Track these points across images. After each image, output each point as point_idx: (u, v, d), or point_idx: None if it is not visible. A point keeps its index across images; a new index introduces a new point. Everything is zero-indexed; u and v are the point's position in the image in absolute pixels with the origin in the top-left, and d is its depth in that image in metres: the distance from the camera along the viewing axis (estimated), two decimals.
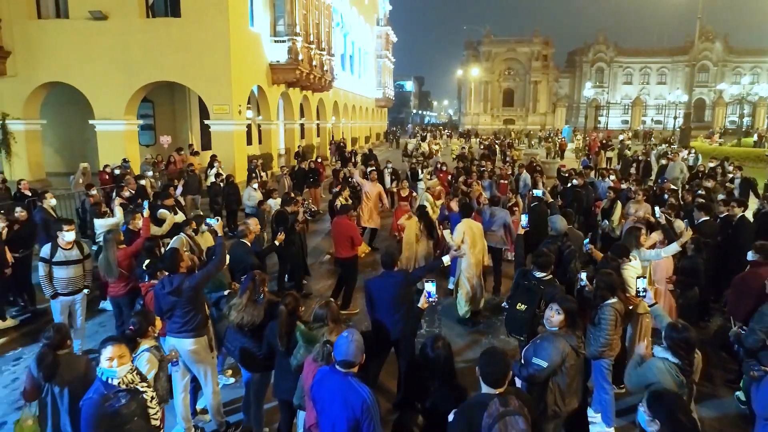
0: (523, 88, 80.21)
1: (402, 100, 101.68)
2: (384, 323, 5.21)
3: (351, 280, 8.42)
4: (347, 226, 8.35)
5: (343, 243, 8.29)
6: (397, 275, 5.38)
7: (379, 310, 5.26)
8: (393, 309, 5.23)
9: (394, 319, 5.26)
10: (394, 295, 5.24)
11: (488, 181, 13.88)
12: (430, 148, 24.75)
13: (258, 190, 11.79)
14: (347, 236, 8.24)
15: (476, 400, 2.93)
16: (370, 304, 5.40)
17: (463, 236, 7.48)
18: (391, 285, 5.29)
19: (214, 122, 18.59)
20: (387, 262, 5.40)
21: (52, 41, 18.05)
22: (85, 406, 3.21)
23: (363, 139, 46.84)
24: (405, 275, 5.45)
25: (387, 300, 5.24)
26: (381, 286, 5.33)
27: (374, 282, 5.41)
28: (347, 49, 39.27)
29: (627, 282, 5.30)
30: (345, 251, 8.31)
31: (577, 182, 10.72)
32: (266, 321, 4.34)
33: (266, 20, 21.55)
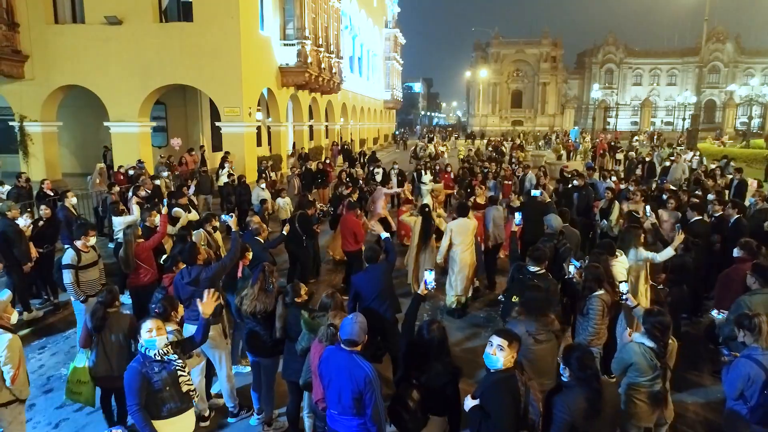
0: (531, 90, 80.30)
1: (410, 101, 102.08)
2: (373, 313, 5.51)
3: (357, 271, 8.83)
4: (353, 222, 8.77)
5: (348, 238, 8.70)
6: (380, 266, 5.66)
7: (367, 303, 5.51)
8: (381, 299, 5.50)
9: (383, 308, 5.55)
10: (382, 286, 5.53)
11: (493, 182, 14.20)
12: (437, 150, 25.07)
13: (266, 190, 12.18)
14: (352, 232, 8.65)
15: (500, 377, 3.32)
16: (354, 301, 5.60)
17: (450, 238, 7.77)
18: (378, 277, 5.57)
19: (225, 124, 19.04)
20: (371, 256, 5.67)
21: (68, 45, 18.59)
22: (128, 373, 3.73)
23: (371, 140, 47.25)
24: (386, 263, 5.72)
25: (375, 292, 5.50)
26: (368, 280, 5.60)
27: (360, 278, 5.68)
28: (356, 51, 39.70)
29: (615, 276, 5.60)
30: (350, 245, 8.72)
31: (578, 183, 11.00)
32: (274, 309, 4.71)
33: (276, 24, 21.99)
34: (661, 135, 47.97)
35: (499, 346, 3.30)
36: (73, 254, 6.43)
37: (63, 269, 6.35)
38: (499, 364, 3.29)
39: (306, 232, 8.94)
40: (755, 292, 4.44)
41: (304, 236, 8.93)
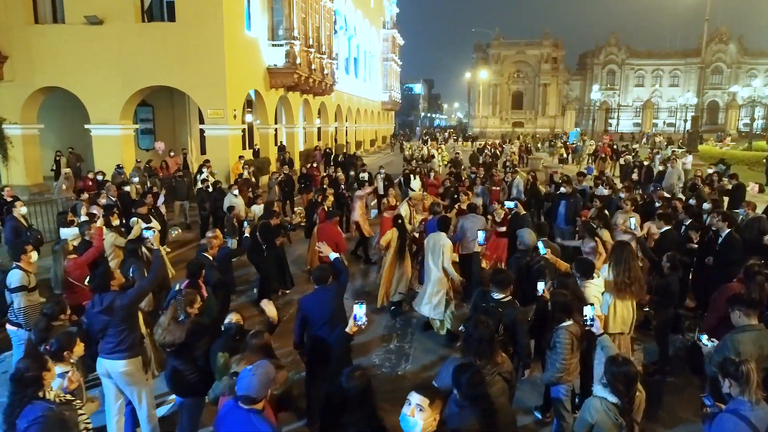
0: (532, 91, 79.62)
1: (411, 102, 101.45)
2: (323, 341, 4.97)
3: None
4: (332, 232, 8.22)
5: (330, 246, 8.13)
6: (330, 288, 5.12)
7: (316, 329, 5.00)
8: (331, 326, 4.97)
9: (333, 336, 5.01)
10: (332, 311, 5.00)
11: (481, 187, 13.61)
12: (429, 153, 24.44)
13: (239, 197, 11.61)
14: (333, 242, 8.07)
15: None
16: (302, 325, 5.07)
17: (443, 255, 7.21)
18: (327, 300, 5.04)
19: (208, 127, 18.52)
20: (320, 277, 5.13)
21: (49, 46, 18.09)
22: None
23: (368, 142, 46.68)
24: (337, 285, 5.19)
25: (324, 317, 4.97)
26: (316, 303, 5.06)
27: (307, 299, 5.13)
28: (351, 52, 39.16)
29: (589, 301, 5.01)
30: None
31: (566, 190, 10.39)
32: (191, 341, 4.13)
33: (264, 24, 21.45)
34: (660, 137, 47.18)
35: (419, 405, 2.71)
36: (21, 274, 5.68)
37: (13, 293, 5.61)
38: (417, 429, 2.71)
39: (267, 242, 8.36)
40: (743, 328, 3.84)
41: (264, 246, 8.36)
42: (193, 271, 5.49)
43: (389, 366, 6.48)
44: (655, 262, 6.17)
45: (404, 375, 6.28)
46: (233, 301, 8.78)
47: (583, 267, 5.20)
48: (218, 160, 17.97)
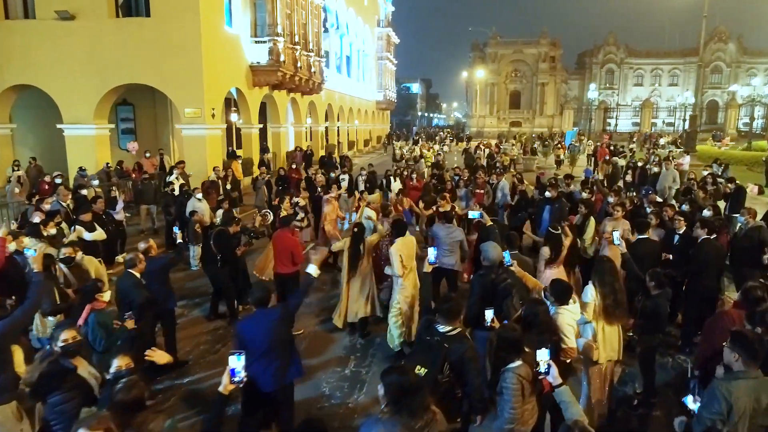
0: (530, 90, 78.85)
1: (408, 102, 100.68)
2: (261, 373, 4.28)
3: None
4: (289, 240, 7.45)
5: (283, 258, 7.41)
6: (272, 312, 4.45)
7: (255, 360, 4.31)
8: (273, 354, 4.31)
9: (275, 366, 4.34)
10: (272, 337, 4.32)
11: (464, 190, 12.89)
12: (422, 153, 23.72)
13: (203, 201, 10.89)
14: (288, 251, 7.36)
15: None
16: None
17: (401, 261, 6.51)
18: (268, 325, 4.36)
19: (185, 126, 17.78)
20: (259, 298, 4.46)
21: (18, 42, 17.37)
22: None
23: (362, 142, 45.97)
24: (282, 309, 4.52)
25: (265, 344, 4.30)
26: (255, 327, 4.40)
27: (245, 324, 4.47)
28: (344, 50, 38.44)
29: (563, 330, 4.29)
30: (285, 267, 7.43)
31: (550, 194, 9.66)
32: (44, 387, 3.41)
33: (246, 20, 20.74)
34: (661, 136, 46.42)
35: None
36: None
37: None
38: None
39: (222, 252, 7.63)
40: (736, 375, 3.13)
41: (219, 256, 7.62)
42: (84, 296, 4.80)
43: (340, 396, 5.75)
44: (641, 280, 5.44)
45: (355, 407, 5.55)
46: (184, 316, 8.10)
47: (558, 290, 4.47)
48: (196, 161, 17.27)
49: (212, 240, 7.64)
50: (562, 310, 4.37)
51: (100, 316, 4.89)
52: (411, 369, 3.00)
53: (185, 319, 7.99)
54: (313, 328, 7.61)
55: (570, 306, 4.41)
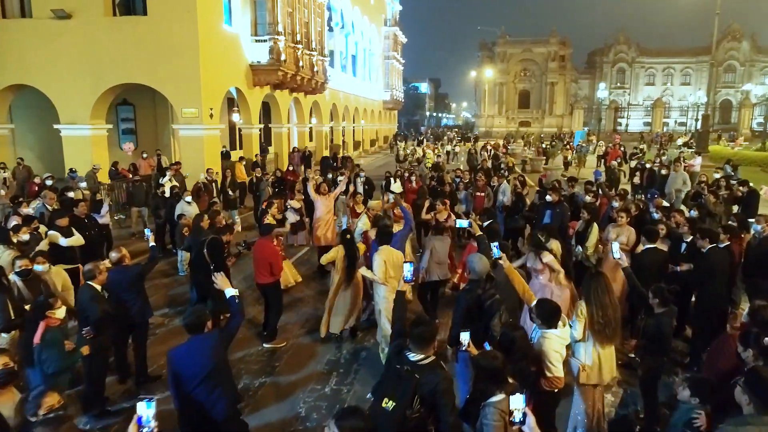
0: (539, 90, 78.02)
1: (417, 102, 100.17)
2: (198, 405, 3.88)
3: (275, 309, 7.20)
4: (268, 249, 7.05)
5: (262, 268, 7.02)
6: (208, 338, 4.02)
7: (191, 388, 3.91)
8: (210, 384, 3.92)
9: (212, 397, 3.93)
10: (210, 365, 3.94)
11: (464, 193, 12.45)
12: (425, 153, 23.27)
13: (193, 204, 10.53)
14: (266, 261, 6.96)
15: None
16: (174, 384, 3.99)
17: (385, 269, 6.10)
18: (203, 353, 3.94)
19: (182, 126, 17.47)
20: (193, 324, 4.02)
21: (15, 42, 17.14)
22: None
23: (368, 142, 45.55)
24: (219, 334, 4.11)
25: (201, 373, 3.90)
26: (188, 356, 3.96)
27: (178, 352, 4.01)
28: (349, 49, 38.05)
29: (548, 357, 3.85)
30: (264, 277, 7.06)
31: (551, 198, 9.18)
32: None
33: (246, 19, 20.40)
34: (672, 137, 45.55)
35: None
36: None
37: None
38: None
39: (216, 261, 7.21)
40: (744, 420, 2.68)
41: (213, 266, 7.20)
42: (36, 312, 4.43)
43: (316, 419, 5.32)
44: (643, 296, 4.96)
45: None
46: (164, 326, 7.73)
47: (545, 312, 4.01)
48: (193, 162, 16.97)
49: (205, 248, 7.21)
50: (549, 335, 3.92)
51: (51, 333, 4.52)
52: (356, 414, 2.57)
53: (165, 329, 7.62)
54: (297, 340, 7.21)
55: (557, 331, 3.96)
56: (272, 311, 7.18)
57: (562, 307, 6.18)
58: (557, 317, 3.95)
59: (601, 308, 4.34)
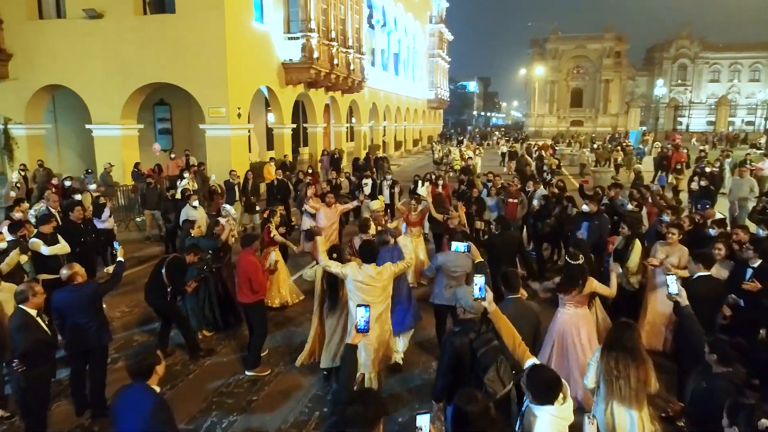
0: (592, 88, 74.66)
1: (464, 101, 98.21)
2: None
3: (257, 332, 6.38)
4: (247, 264, 6.20)
5: (242, 284, 6.24)
6: (149, 398, 3.24)
7: None
8: None
9: None
10: None
11: (495, 199, 11.32)
12: (462, 155, 22.08)
13: (200, 208, 9.93)
14: (245, 277, 6.17)
15: None
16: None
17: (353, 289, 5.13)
18: (139, 413, 3.16)
19: (209, 126, 17.09)
20: (135, 370, 3.32)
21: (49, 42, 17.24)
22: None
23: (411, 142, 44.54)
24: (156, 401, 3.29)
25: None
26: (127, 409, 3.23)
27: (114, 403, 3.35)
28: (391, 47, 37.20)
29: None
30: (244, 295, 6.25)
31: (588, 208, 7.98)
32: None
33: (279, 16, 19.87)
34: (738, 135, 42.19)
35: None
36: None
37: None
38: None
39: (175, 283, 6.46)
40: None
41: (169, 288, 6.43)
42: None
43: None
44: (697, 347, 3.82)
45: None
46: (136, 343, 7.08)
47: (538, 382, 2.96)
48: (219, 163, 16.56)
49: (164, 268, 6.49)
50: (541, 413, 2.89)
51: None
52: None
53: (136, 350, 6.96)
54: (283, 369, 6.38)
55: (553, 408, 2.91)
56: (254, 335, 6.39)
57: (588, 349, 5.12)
58: (555, 392, 2.91)
59: (616, 361, 3.38)
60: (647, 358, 3.67)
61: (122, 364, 6.43)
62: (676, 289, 4.16)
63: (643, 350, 3.66)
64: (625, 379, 3.60)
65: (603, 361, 3.76)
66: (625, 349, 3.71)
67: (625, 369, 3.67)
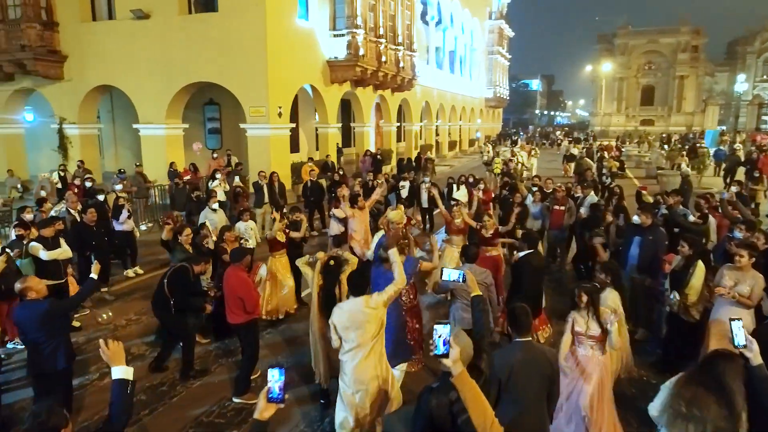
0: (665, 85, 70.11)
1: (526, 100, 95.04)
2: None
3: (247, 354, 5.77)
4: (236, 280, 5.56)
5: (231, 303, 5.61)
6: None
7: None
8: None
9: None
10: None
11: (539, 206, 10.23)
12: (513, 155, 20.78)
13: (220, 211, 9.48)
14: (235, 296, 5.54)
15: None
16: None
17: (335, 333, 4.32)
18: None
19: (250, 126, 16.84)
20: None
21: (100, 43, 17.57)
22: None
23: (466, 142, 43.21)
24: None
25: None
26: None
27: None
28: (447, 44, 36.12)
29: None
30: (234, 315, 5.62)
31: (640, 220, 6.81)
32: None
33: (324, 13, 19.41)
34: None
35: None
36: None
37: None
38: None
39: (177, 296, 5.93)
40: None
41: (171, 301, 5.91)
42: None
43: None
44: None
45: None
46: (144, 358, 6.62)
47: None
48: (259, 163, 16.26)
49: (167, 278, 5.98)
50: None
51: None
52: None
53: (148, 360, 6.50)
54: None
55: None
56: (244, 357, 5.76)
57: None
58: None
59: (702, 402, 2.48)
60: (741, 410, 2.70)
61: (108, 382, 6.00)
62: (744, 339, 3.07)
63: (739, 398, 2.70)
64: (698, 423, 2.64)
65: (676, 390, 2.87)
66: (711, 386, 2.78)
67: (702, 411, 2.70)
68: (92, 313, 7.80)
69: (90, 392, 5.83)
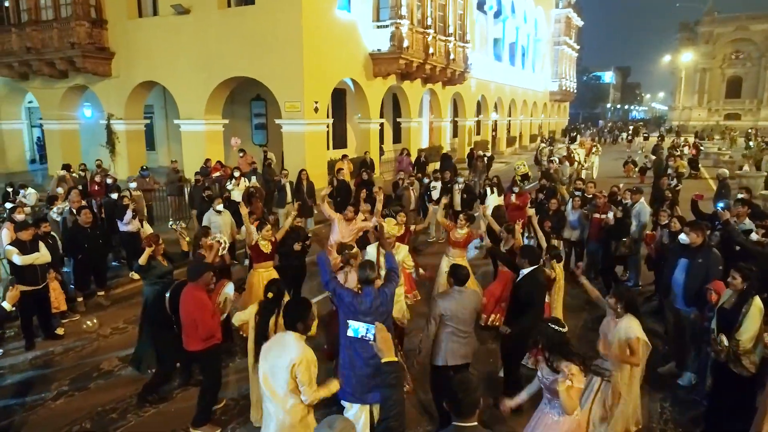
0: (755, 75, 63.94)
1: (598, 93, 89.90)
2: None
3: (210, 383, 5.08)
4: (193, 301, 4.84)
5: (187, 328, 4.93)
6: None
7: None
8: None
9: None
10: None
11: (578, 212, 8.97)
12: (570, 155, 19.09)
13: (225, 213, 8.91)
14: (190, 318, 4.85)
15: None
16: None
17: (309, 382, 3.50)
18: None
19: (285, 122, 16.35)
20: None
21: (144, 40, 17.66)
22: None
23: (528, 138, 41.15)
24: None
25: None
26: None
27: None
28: (507, 35, 34.39)
29: None
30: (193, 341, 4.94)
31: (688, 239, 5.50)
32: None
33: (368, 4, 18.61)
34: None
35: None
36: None
37: None
38: None
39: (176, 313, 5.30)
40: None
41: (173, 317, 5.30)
42: None
43: None
44: None
45: None
46: (102, 370, 6.10)
47: None
48: (294, 160, 15.79)
49: (170, 294, 5.35)
50: None
51: None
52: None
53: (113, 378, 5.99)
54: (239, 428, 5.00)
55: None
56: (204, 386, 5.07)
57: None
58: None
59: None
60: None
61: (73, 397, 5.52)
62: None
63: None
64: None
65: None
66: None
67: None
68: (81, 320, 7.45)
69: (41, 413, 5.35)
